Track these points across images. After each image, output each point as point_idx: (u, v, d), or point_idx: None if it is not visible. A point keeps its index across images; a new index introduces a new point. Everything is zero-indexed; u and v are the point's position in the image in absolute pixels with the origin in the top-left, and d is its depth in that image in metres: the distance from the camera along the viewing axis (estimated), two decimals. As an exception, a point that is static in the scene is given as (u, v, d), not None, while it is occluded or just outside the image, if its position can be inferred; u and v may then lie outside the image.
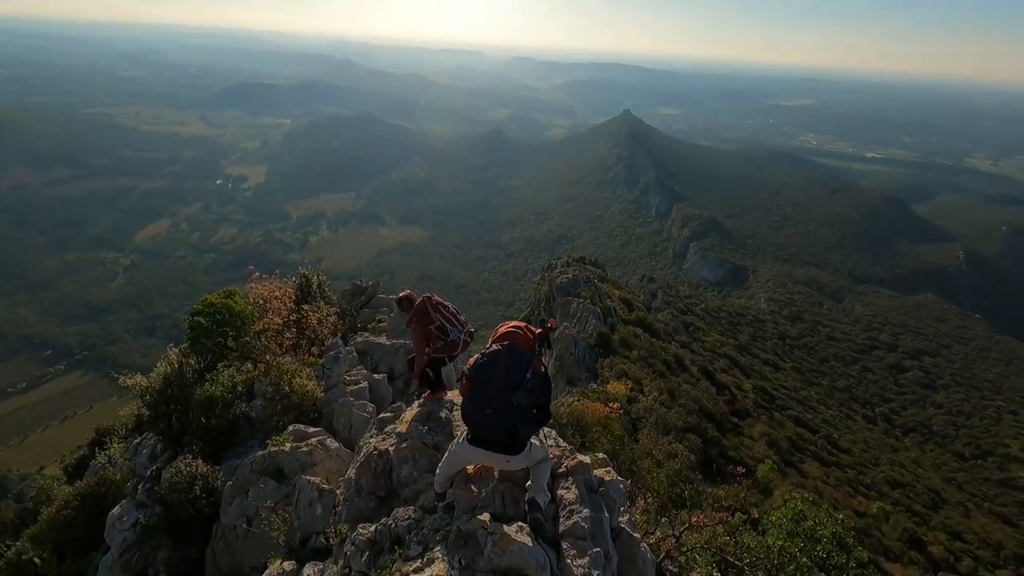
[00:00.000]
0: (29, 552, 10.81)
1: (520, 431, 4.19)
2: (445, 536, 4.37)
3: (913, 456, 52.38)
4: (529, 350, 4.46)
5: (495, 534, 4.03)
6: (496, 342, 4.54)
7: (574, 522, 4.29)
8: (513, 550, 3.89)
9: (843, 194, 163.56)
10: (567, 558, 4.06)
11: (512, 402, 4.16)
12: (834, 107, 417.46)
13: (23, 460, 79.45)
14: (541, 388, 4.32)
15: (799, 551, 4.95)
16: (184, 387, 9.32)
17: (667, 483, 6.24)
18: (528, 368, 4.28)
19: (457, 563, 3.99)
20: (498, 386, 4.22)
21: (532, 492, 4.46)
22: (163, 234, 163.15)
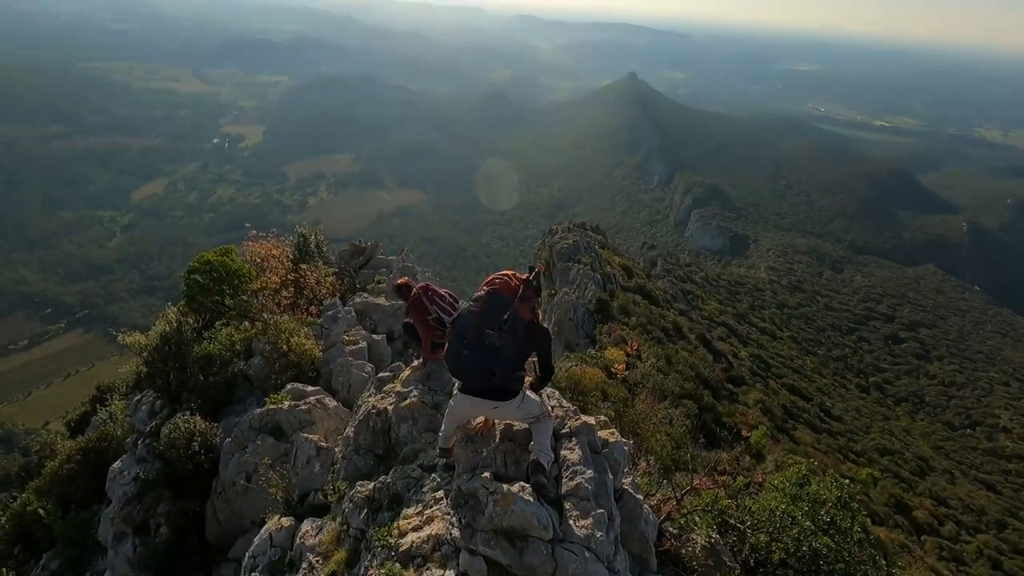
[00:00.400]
0: (34, 504, 11.06)
1: (496, 374, 4.09)
2: (445, 495, 4.38)
3: (904, 425, 53.32)
4: (511, 294, 4.32)
5: (496, 493, 4.00)
6: (483, 288, 4.50)
7: (577, 483, 4.24)
8: (515, 510, 3.85)
9: (848, 163, 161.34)
10: (570, 519, 4.02)
11: (484, 340, 4.08)
12: (845, 73, 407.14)
13: (28, 415, 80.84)
14: (525, 335, 4.21)
15: (802, 515, 4.92)
16: (182, 345, 9.34)
17: (671, 446, 6.26)
18: (507, 311, 4.18)
19: (457, 522, 3.97)
20: (475, 327, 4.18)
21: (535, 453, 4.38)
22: (160, 194, 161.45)
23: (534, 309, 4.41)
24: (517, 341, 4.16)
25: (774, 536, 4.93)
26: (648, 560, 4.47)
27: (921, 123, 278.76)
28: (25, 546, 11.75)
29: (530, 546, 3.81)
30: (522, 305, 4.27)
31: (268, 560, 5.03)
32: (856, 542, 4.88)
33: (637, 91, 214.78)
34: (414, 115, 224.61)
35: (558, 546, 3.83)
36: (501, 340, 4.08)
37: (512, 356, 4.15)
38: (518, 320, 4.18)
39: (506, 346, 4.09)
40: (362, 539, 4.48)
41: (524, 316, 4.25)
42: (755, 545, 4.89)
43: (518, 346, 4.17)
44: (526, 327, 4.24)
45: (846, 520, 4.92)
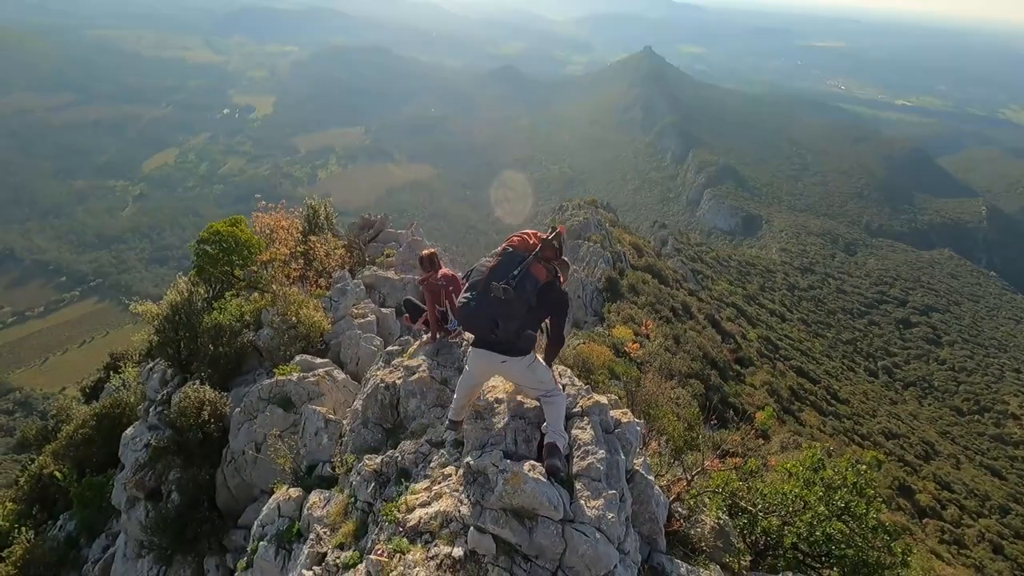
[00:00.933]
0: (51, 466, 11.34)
1: (499, 325, 4.02)
2: (454, 472, 4.32)
3: (911, 409, 53.12)
4: (526, 252, 4.21)
5: (506, 472, 3.92)
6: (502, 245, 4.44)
7: (589, 463, 4.15)
8: (525, 489, 3.79)
9: (866, 144, 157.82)
10: (580, 499, 3.95)
11: (490, 291, 4.02)
12: (867, 50, 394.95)
13: (45, 380, 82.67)
14: (538, 294, 4.13)
15: (816, 499, 4.84)
16: (192, 314, 9.40)
17: (683, 427, 6.18)
18: (518, 266, 4.09)
19: (466, 499, 3.92)
20: (485, 279, 4.13)
21: (550, 435, 4.28)
22: (171, 164, 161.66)
23: (553, 271, 4.30)
24: (526, 298, 4.06)
25: (786, 520, 4.87)
26: (657, 541, 4.43)
27: (944, 103, 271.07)
28: (43, 507, 12.11)
29: (540, 526, 3.76)
30: (536, 264, 4.16)
31: (276, 529, 5.08)
32: (871, 528, 4.79)
33: (652, 66, 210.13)
34: (425, 88, 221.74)
35: (568, 526, 3.79)
36: (507, 294, 3.98)
37: (519, 312, 4.05)
38: (528, 278, 4.09)
39: (512, 300, 4.00)
40: (369, 512, 4.48)
41: (538, 276, 4.15)
42: (767, 528, 4.84)
43: (527, 304, 4.08)
44: (539, 287, 4.15)
45: (861, 506, 4.84)
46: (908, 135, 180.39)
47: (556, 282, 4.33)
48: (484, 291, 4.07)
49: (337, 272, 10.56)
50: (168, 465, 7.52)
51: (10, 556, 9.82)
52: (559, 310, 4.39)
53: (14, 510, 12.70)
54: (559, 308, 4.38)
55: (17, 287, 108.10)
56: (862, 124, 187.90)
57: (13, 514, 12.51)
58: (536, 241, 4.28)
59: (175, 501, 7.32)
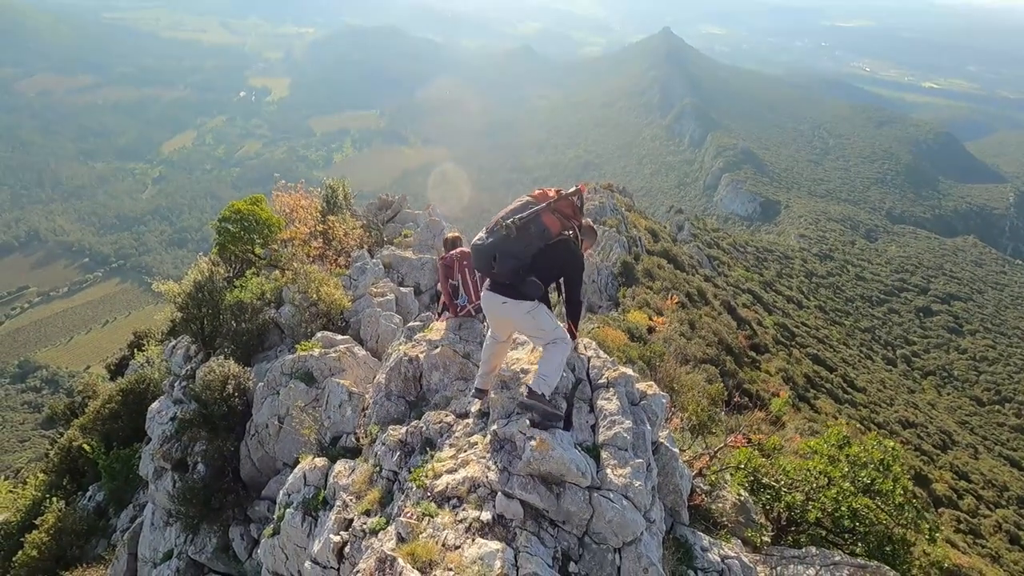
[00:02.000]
0: (79, 439, 11.72)
1: (496, 259, 4.03)
2: (480, 441, 4.36)
3: (929, 399, 52.43)
4: (540, 201, 4.19)
5: (534, 438, 3.93)
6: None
7: (615, 432, 4.16)
8: (553, 455, 3.81)
9: (891, 127, 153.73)
10: (607, 467, 3.97)
11: (496, 228, 4.05)
12: (896, 30, 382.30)
13: (70, 359, 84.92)
14: (544, 241, 4.09)
15: (842, 475, 4.80)
16: (214, 292, 9.57)
17: (706, 404, 6.17)
18: (527, 211, 4.09)
19: (494, 465, 3.96)
20: (497, 220, 4.13)
21: (532, 378, 4.22)
22: (188, 146, 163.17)
23: (571, 229, 4.28)
24: (529, 240, 4.05)
25: (810, 496, 4.84)
26: (680, 513, 4.46)
27: (974, 85, 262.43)
28: (72, 478, 12.55)
29: (567, 491, 3.80)
30: (548, 213, 4.12)
31: (302, 497, 5.21)
32: (896, 505, 4.76)
33: (671, 47, 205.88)
34: (439, 70, 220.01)
35: (595, 493, 3.82)
36: (508, 230, 3.99)
37: (519, 251, 4.03)
38: (535, 221, 4.06)
39: (514, 238, 4.00)
40: (395, 480, 4.57)
41: (549, 225, 4.11)
42: (791, 504, 4.82)
43: (530, 246, 4.06)
44: (551, 238, 4.13)
45: (887, 483, 4.80)
46: (935, 118, 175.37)
47: (572, 242, 4.32)
48: (492, 229, 4.10)
49: (356, 251, 10.67)
50: (194, 437, 7.73)
51: (43, 524, 10.23)
52: (572, 268, 4.35)
53: (45, 481, 13.18)
54: (572, 266, 4.34)
55: (42, 267, 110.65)
56: (887, 107, 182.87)
57: (44, 484, 12.99)
58: (555, 195, 4.26)
59: (201, 472, 7.54)
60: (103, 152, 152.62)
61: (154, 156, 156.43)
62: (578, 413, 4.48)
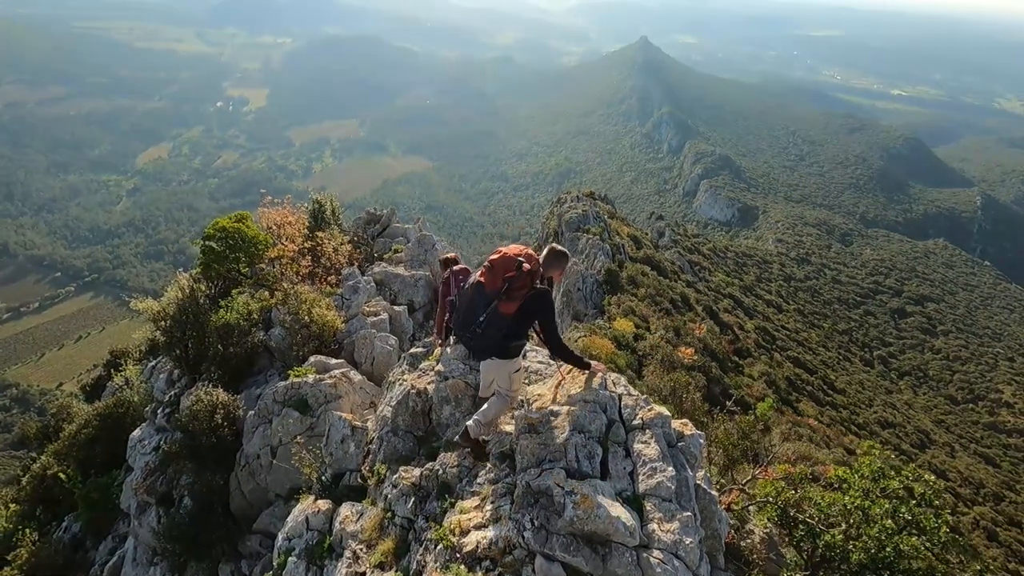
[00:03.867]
0: (54, 467, 11.22)
1: (477, 350, 4.63)
2: (508, 490, 4.05)
3: (906, 399, 53.48)
4: (492, 293, 4.39)
5: (575, 494, 3.62)
6: (482, 270, 4.58)
7: (657, 481, 3.84)
8: (599, 514, 3.50)
9: (862, 134, 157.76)
10: (652, 522, 3.64)
11: (463, 336, 4.59)
12: (864, 39, 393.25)
13: (42, 376, 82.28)
14: (505, 322, 4.39)
15: (883, 512, 4.53)
16: (199, 313, 9.23)
17: (738, 436, 5.97)
18: (485, 311, 4.37)
19: (529, 523, 3.62)
20: (462, 318, 4.57)
21: (472, 418, 4.57)
22: (164, 158, 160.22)
23: (527, 292, 4.43)
24: (497, 330, 4.40)
25: (850, 534, 4.59)
26: (717, 558, 4.17)
27: (940, 92, 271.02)
28: (47, 508, 11.99)
29: (614, 552, 3.48)
30: (504, 303, 4.36)
31: (305, 544, 4.90)
32: (941, 544, 4.50)
33: (648, 56, 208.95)
34: (420, 79, 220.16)
35: (644, 553, 3.50)
36: (475, 338, 4.46)
37: (493, 340, 4.46)
38: (495, 317, 4.36)
39: (483, 337, 4.43)
40: (410, 529, 4.28)
41: (507, 312, 4.38)
42: (830, 543, 4.54)
43: (501, 331, 4.42)
44: (511, 319, 4.41)
45: (930, 519, 4.53)
46: (904, 125, 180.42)
47: (533, 295, 4.45)
48: (461, 333, 4.59)
49: (346, 269, 10.38)
50: (179, 470, 7.37)
51: (15, 560, 9.71)
52: (541, 316, 4.56)
53: (17, 511, 12.57)
54: (541, 315, 4.55)
55: (12, 283, 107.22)
56: (858, 114, 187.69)
57: (16, 515, 12.39)
58: (506, 277, 4.37)
59: (187, 507, 7.19)
60: (75, 164, 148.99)
61: (128, 168, 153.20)
62: (614, 459, 4.17)
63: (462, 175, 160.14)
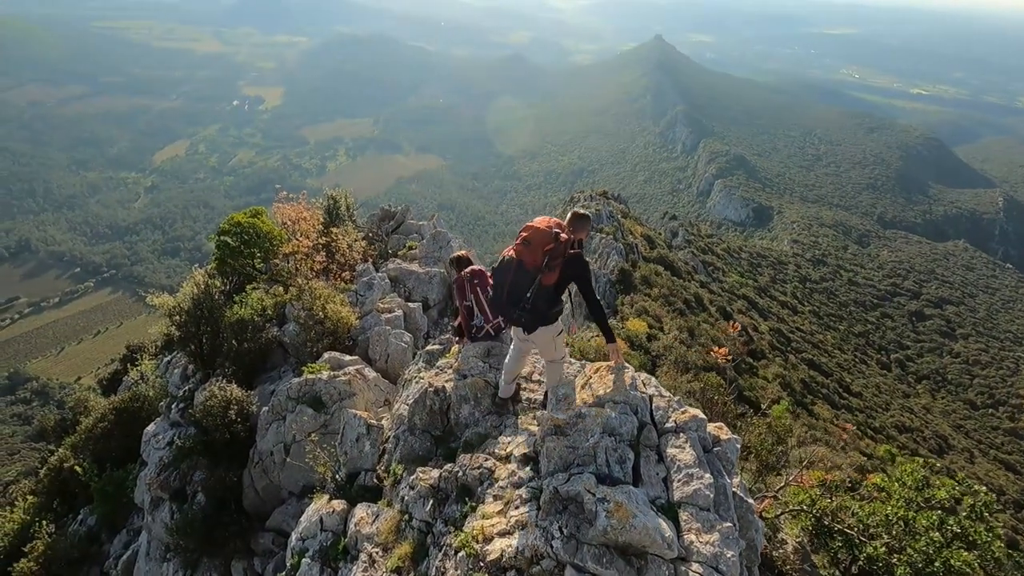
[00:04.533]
0: (70, 460, 11.31)
1: (527, 320, 4.61)
2: (533, 495, 3.84)
3: (924, 403, 52.54)
4: (533, 270, 4.51)
5: (609, 502, 3.40)
6: (514, 247, 4.68)
7: (694, 489, 3.61)
8: (635, 524, 3.28)
9: (880, 133, 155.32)
10: (690, 532, 3.42)
11: (513, 315, 4.62)
12: (882, 37, 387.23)
13: (62, 370, 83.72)
14: (546, 299, 4.56)
15: (929, 524, 4.28)
16: (214, 309, 9.21)
17: (772, 441, 5.76)
18: (530, 287, 4.49)
19: (557, 532, 3.43)
20: (507, 296, 4.62)
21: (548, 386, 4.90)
22: (181, 156, 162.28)
23: (561, 266, 4.56)
24: (546, 302, 4.57)
25: (893, 547, 4.32)
26: (753, 571, 3.95)
27: (960, 91, 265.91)
28: (63, 500, 12.10)
29: (650, 565, 3.27)
30: (547, 275, 4.50)
31: (319, 545, 4.80)
32: (995, 559, 4.28)
33: (662, 55, 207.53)
34: (432, 78, 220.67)
35: (682, 566, 3.30)
36: (525, 316, 4.53)
37: (542, 310, 4.58)
38: (542, 290, 4.50)
39: (536, 310, 4.55)
40: (428, 532, 4.13)
41: (549, 283, 4.53)
42: (872, 556, 4.27)
43: (549, 303, 4.61)
44: (553, 288, 4.58)
45: (981, 533, 4.31)
46: (923, 124, 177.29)
47: (570, 260, 4.60)
48: (510, 311, 4.63)
49: (361, 265, 10.30)
50: (193, 465, 7.34)
51: (32, 551, 9.79)
52: (579, 278, 4.71)
53: (34, 503, 12.72)
54: (579, 276, 4.70)
55: (33, 278, 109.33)
56: (876, 113, 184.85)
57: (33, 507, 12.53)
58: (547, 249, 4.49)
59: (201, 503, 7.16)
60: (95, 162, 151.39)
61: (146, 165, 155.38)
62: (646, 463, 3.96)
63: (474, 174, 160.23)
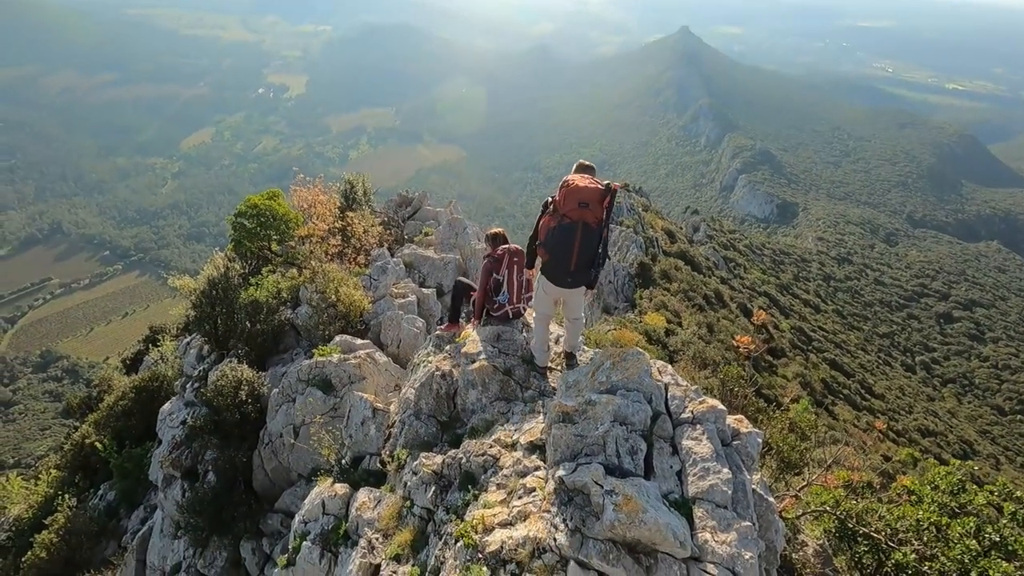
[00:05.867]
0: (92, 436, 11.56)
1: (593, 278, 4.81)
2: (538, 485, 3.67)
3: (949, 407, 51.25)
4: (598, 226, 4.59)
5: (617, 494, 3.20)
6: (570, 212, 4.60)
7: (711, 484, 3.38)
8: (645, 519, 3.08)
9: (913, 129, 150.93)
10: (704, 530, 3.22)
11: (591, 275, 4.76)
12: (919, 30, 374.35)
13: (90, 349, 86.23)
14: (604, 252, 4.74)
15: (965, 531, 3.99)
16: (229, 290, 9.27)
17: (795, 437, 5.55)
18: (599, 244, 4.62)
19: (562, 524, 3.25)
20: (576, 261, 4.64)
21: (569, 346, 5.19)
22: (207, 142, 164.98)
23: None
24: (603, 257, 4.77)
25: (924, 555, 4.06)
26: (771, 573, 3.70)
27: (999, 87, 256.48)
28: (85, 475, 12.40)
29: (660, 564, 3.08)
30: (606, 231, 4.66)
31: (321, 528, 4.76)
32: None
33: (688, 47, 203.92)
34: (455, 69, 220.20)
35: (695, 567, 3.10)
36: (598, 268, 4.71)
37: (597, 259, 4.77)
38: (605, 246, 4.69)
39: (599, 265, 4.77)
40: (429, 519, 4.03)
41: (606, 236, 4.70)
42: (901, 563, 4.04)
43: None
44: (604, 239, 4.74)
45: (1023, 542, 3.92)
46: (958, 121, 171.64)
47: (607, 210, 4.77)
48: (582, 274, 4.72)
49: (376, 250, 10.29)
50: (204, 445, 7.40)
51: (53, 524, 10.04)
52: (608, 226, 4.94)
53: (58, 477, 13.07)
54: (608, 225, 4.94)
55: (64, 260, 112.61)
56: (909, 109, 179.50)
57: (57, 481, 12.87)
58: (606, 204, 4.61)
59: (211, 482, 7.22)
60: (124, 147, 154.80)
61: (174, 152, 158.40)
62: (659, 455, 3.74)
63: (495, 165, 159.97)
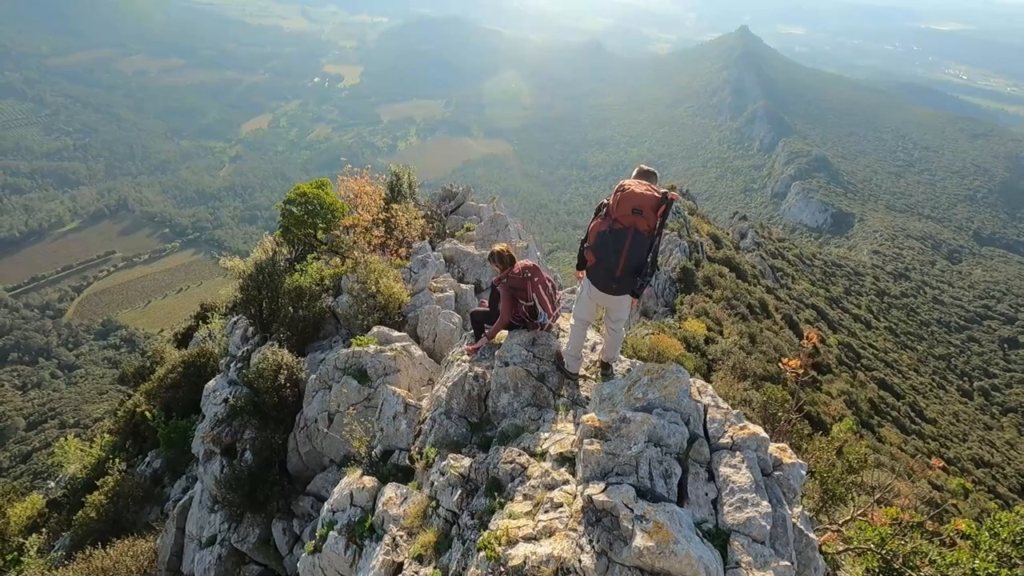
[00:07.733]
0: (143, 405, 12.19)
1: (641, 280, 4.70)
2: (565, 500, 3.54)
3: (1008, 437, 48.14)
4: (650, 234, 4.52)
5: (648, 521, 3.03)
6: (622, 217, 4.53)
7: (748, 516, 3.19)
8: (676, 550, 2.90)
9: (986, 140, 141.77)
10: (739, 566, 3.02)
11: (637, 284, 4.66)
12: (997, 35, 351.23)
13: (147, 321, 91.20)
14: (653, 262, 4.65)
15: None
16: (275, 275, 9.57)
17: (843, 469, 5.30)
18: (648, 252, 4.53)
19: (588, 545, 3.12)
20: (623, 267, 4.58)
21: (606, 356, 5.12)
22: (264, 128, 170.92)
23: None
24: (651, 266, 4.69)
25: None
26: None
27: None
28: (135, 442, 13.12)
29: None
30: (658, 240, 4.61)
31: (348, 519, 4.83)
32: None
33: (747, 47, 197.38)
34: (506, 62, 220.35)
35: None
36: (648, 276, 4.63)
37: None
38: (655, 256, 4.59)
39: (650, 273, 4.69)
40: (454, 522, 3.99)
41: (657, 247, 4.64)
42: None
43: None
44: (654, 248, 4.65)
45: None
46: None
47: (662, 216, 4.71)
48: (628, 280, 4.65)
49: (417, 243, 10.41)
50: (244, 424, 7.67)
51: (103, 485, 10.66)
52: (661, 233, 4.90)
53: (111, 441, 13.87)
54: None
55: (129, 234, 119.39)
56: (984, 118, 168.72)
57: (109, 445, 13.66)
58: (657, 215, 4.54)
59: (248, 460, 7.47)
60: (188, 130, 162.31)
61: (233, 136, 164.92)
62: (694, 481, 3.54)
63: (540, 161, 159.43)
